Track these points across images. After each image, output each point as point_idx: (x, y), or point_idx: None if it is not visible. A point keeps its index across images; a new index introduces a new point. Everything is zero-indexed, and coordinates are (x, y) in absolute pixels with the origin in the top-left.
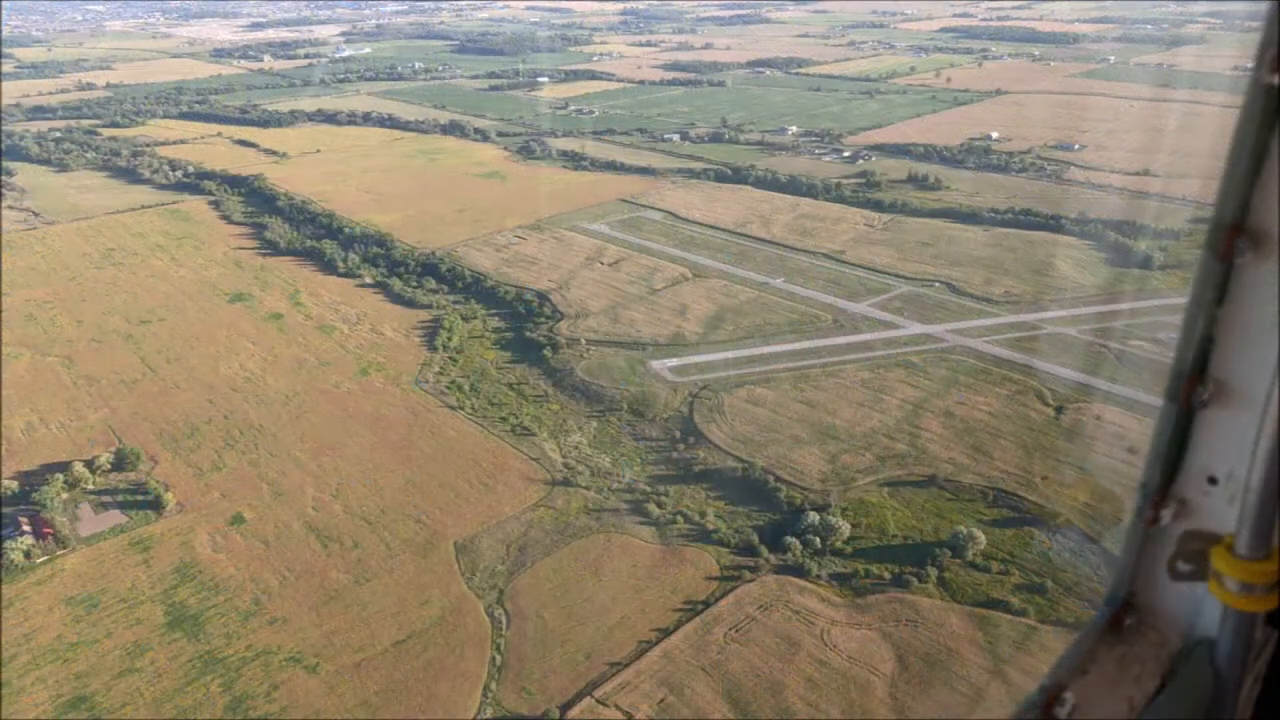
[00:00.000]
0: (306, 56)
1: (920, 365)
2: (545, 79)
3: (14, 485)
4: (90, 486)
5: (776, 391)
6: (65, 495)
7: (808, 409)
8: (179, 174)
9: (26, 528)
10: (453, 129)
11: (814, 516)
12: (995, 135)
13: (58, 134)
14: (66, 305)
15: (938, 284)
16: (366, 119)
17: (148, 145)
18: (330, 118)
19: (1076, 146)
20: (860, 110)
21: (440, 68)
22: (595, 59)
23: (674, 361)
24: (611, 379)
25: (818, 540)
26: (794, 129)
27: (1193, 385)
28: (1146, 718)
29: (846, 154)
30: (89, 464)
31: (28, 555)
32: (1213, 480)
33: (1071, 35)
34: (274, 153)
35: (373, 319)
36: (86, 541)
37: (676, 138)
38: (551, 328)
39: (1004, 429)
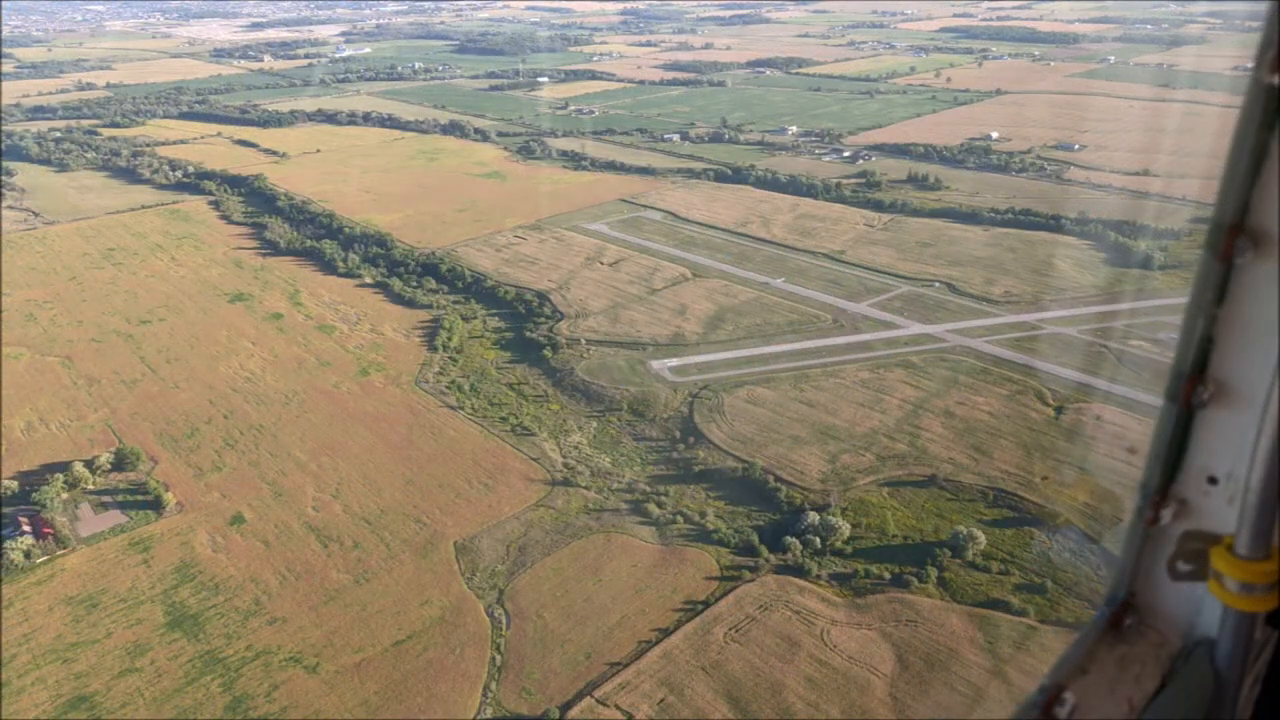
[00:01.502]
0: (306, 56)
1: (920, 365)
2: (545, 79)
3: (14, 485)
4: (90, 486)
5: (776, 391)
6: (65, 495)
7: (808, 409)
8: (179, 174)
9: (26, 528)
10: (453, 129)
11: (814, 516)
12: (995, 135)
13: (58, 134)
14: (66, 305)
15: (938, 284)
16: (366, 119)
17: (148, 145)
18: (330, 118)
19: (1076, 146)
20: (860, 110)
21: (440, 68)
22: (595, 59)
23: (674, 361)
24: (611, 379)
25: (818, 540)
26: (794, 129)
27: (1193, 385)
28: (1146, 718)
29: (846, 154)
30: (89, 464)
31: (28, 555)
32: (1213, 480)
33: (1071, 35)
34: (274, 153)
35: (373, 319)
36: (86, 541)
37: (676, 138)
38: (551, 328)
39: (1004, 429)
